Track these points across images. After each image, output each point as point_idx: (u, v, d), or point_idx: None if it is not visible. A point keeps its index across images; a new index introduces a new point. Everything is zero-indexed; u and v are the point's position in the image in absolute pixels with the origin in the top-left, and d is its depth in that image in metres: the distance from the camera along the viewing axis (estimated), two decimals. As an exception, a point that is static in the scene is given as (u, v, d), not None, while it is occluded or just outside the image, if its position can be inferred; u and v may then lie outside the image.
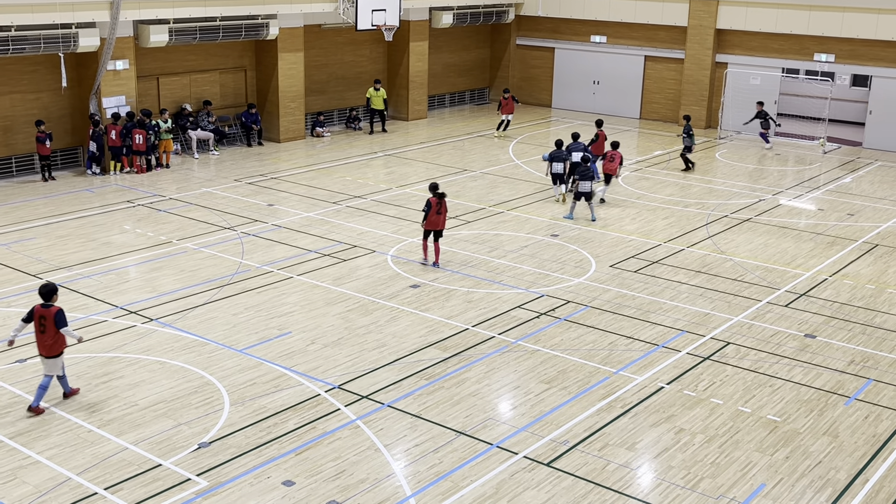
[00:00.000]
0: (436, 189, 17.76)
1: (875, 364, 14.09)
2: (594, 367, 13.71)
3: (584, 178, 20.73)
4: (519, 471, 10.94)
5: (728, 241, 19.88)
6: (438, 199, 17.46)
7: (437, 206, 17.41)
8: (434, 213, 17.43)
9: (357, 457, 11.15)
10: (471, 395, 12.80)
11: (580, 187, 20.79)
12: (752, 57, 31.19)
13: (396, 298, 16.20)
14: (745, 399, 12.86)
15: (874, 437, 11.96)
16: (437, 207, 17.42)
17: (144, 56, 25.42)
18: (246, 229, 19.84)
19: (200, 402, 12.39)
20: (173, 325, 14.89)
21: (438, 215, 17.51)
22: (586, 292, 16.69)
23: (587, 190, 20.76)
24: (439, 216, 17.54)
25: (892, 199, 23.56)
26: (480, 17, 33.80)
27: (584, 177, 20.73)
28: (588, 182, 20.72)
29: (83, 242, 18.82)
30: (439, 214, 17.52)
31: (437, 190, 17.74)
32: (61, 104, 24.31)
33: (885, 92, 29.18)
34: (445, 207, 17.66)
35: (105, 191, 22.75)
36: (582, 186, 20.75)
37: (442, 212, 17.56)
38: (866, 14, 28.61)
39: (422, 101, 32.98)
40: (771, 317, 15.80)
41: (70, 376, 12.92)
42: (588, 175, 20.73)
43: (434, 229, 17.64)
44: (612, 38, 33.94)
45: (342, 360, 13.76)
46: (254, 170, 25.14)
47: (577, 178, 20.85)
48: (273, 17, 26.80)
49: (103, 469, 10.77)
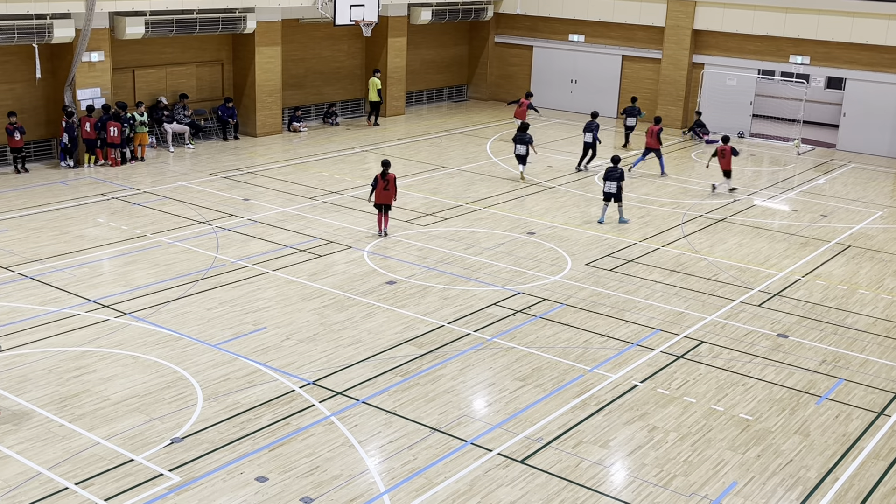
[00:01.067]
0: (385, 165, 19.05)
1: (846, 364, 14.24)
2: (569, 365, 13.75)
3: (609, 178, 20.56)
4: (493, 468, 10.96)
5: (702, 240, 20.01)
6: (383, 175, 18.84)
7: (382, 181, 18.83)
8: (381, 188, 18.85)
9: (331, 453, 11.13)
10: (446, 391, 12.81)
11: (605, 188, 20.66)
12: (729, 58, 31.40)
13: (372, 295, 16.18)
14: (717, 398, 12.96)
15: (844, 436, 12.09)
16: (384, 183, 18.83)
17: (120, 48, 25.21)
18: (221, 224, 19.74)
19: (174, 398, 12.32)
20: (147, 319, 14.79)
21: (386, 191, 18.91)
22: (562, 290, 16.75)
23: (612, 191, 20.55)
24: (387, 191, 18.91)
25: (865, 201, 23.80)
26: (459, 13, 33.80)
27: (609, 177, 20.57)
28: (613, 182, 20.50)
29: (56, 235, 18.64)
30: (387, 190, 18.90)
31: (386, 167, 19.01)
32: (35, 95, 24.06)
33: (858, 95, 29.46)
34: (394, 183, 18.96)
35: (79, 183, 22.55)
36: (607, 187, 20.60)
37: (390, 188, 18.91)
38: (841, 17, 28.87)
39: (400, 97, 32.93)
40: (744, 316, 15.92)
41: (42, 370, 12.82)
42: (614, 176, 20.51)
43: (382, 203, 19.07)
44: (590, 37, 34.04)
45: (317, 356, 13.73)
46: (230, 164, 25.00)
47: (604, 178, 20.72)
48: (251, 11, 26.66)
49: (74, 464, 10.68)
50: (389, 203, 19.15)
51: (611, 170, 20.63)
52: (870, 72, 29.09)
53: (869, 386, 13.52)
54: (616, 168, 20.61)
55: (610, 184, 20.57)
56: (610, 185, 20.57)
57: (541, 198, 22.80)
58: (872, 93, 29.14)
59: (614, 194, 20.59)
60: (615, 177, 20.54)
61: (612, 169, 20.62)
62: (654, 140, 25.01)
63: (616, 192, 20.54)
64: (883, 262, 19.01)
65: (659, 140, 25.00)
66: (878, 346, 14.95)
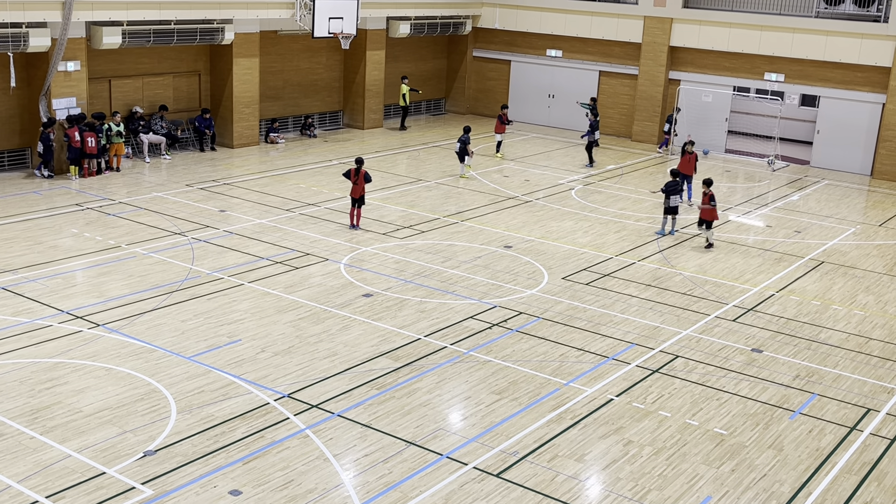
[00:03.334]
0: (358, 162, 20.34)
1: (819, 379, 14.34)
2: (545, 379, 13.76)
3: (671, 192, 20.96)
4: (468, 481, 10.94)
5: (678, 255, 20.12)
6: (356, 170, 20.17)
7: (354, 175, 20.15)
8: (352, 182, 20.24)
9: (305, 466, 11.06)
10: (421, 405, 12.78)
11: (670, 202, 21.06)
12: (705, 74, 31.68)
13: (349, 307, 16.13)
14: (692, 412, 13.01)
15: (818, 450, 12.17)
16: (355, 178, 20.14)
17: (96, 57, 25.07)
18: (197, 235, 19.63)
19: (147, 410, 12.21)
20: (120, 330, 14.66)
21: (356, 185, 20.19)
22: (538, 304, 16.77)
23: (675, 204, 21.07)
24: (356, 185, 20.18)
25: (838, 218, 24.04)
26: (438, 27, 33.90)
27: (671, 191, 20.96)
28: (677, 196, 21.00)
29: (29, 245, 18.46)
30: (356, 184, 20.17)
31: (360, 164, 20.29)
32: (10, 104, 23.87)
33: (832, 112, 29.80)
34: (363, 177, 20.18)
35: (53, 193, 22.37)
36: (672, 201, 21.03)
37: (359, 182, 20.15)
38: (816, 35, 29.23)
39: (378, 109, 32.95)
40: (719, 331, 16.01)
41: (13, 381, 12.67)
42: (675, 189, 20.97)
43: (354, 196, 20.35)
44: (568, 52, 34.24)
45: (292, 369, 13.66)
46: (206, 175, 24.89)
47: (664, 190, 21.12)
48: (229, 22, 26.61)
49: (45, 476, 10.55)
50: (361, 197, 20.42)
51: (674, 183, 21.10)
52: (843, 90, 29.44)
53: (842, 401, 13.62)
54: (678, 181, 21.22)
55: (675, 198, 21.04)
56: (675, 199, 21.05)
57: (518, 211, 22.86)
58: (846, 110, 29.48)
59: (676, 207, 21.22)
60: (679, 190, 21.11)
61: (676, 182, 21.14)
62: (690, 167, 24.08)
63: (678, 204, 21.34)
64: (856, 279, 19.20)
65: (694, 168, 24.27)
66: (851, 361, 15.07)
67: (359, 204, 20.47)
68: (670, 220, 21.53)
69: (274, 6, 27.64)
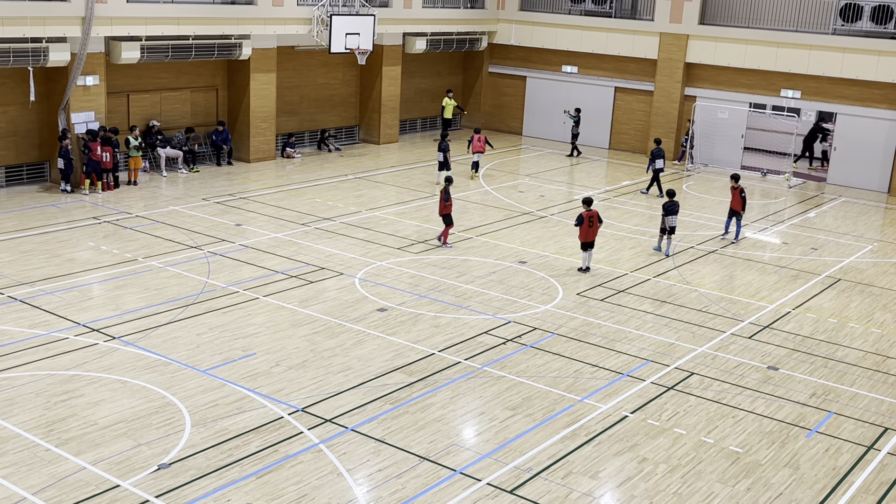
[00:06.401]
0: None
1: (836, 397, 14.24)
2: (559, 395, 13.72)
3: (669, 212, 20.95)
4: (482, 498, 10.90)
5: (694, 272, 20.05)
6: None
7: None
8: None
9: (319, 481, 11.06)
10: (435, 420, 12.76)
11: (671, 222, 20.99)
12: (721, 91, 31.63)
13: (363, 322, 16.14)
14: (708, 429, 12.93)
15: (834, 469, 12.07)
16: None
17: (115, 72, 25.28)
18: (213, 249, 19.71)
19: (161, 423, 12.24)
20: (136, 343, 14.72)
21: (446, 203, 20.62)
22: (553, 319, 16.74)
23: (672, 224, 21.02)
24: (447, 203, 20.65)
25: (855, 235, 23.91)
26: (454, 44, 34.02)
27: (669, 211, 20.95)
28: (674, 216, 20.95)
29: (47, 258, 18.59)
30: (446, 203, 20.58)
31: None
32: (29, 118, 24.08)
33: (849, 129, 29.69)
34: (442, 196, 20.45)
35: (71, 207, 22.52)
36: (670, 221, 20.98)
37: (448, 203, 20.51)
38: (832, 52, 29.16)
39: (393, 125, 33.06)
40: (734, 348, 15.93)
41: (29, 394, 12.73)
42: (674, 210, 20.93)
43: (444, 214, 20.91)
44: (584, 68, 34.28)
45: (307, 383, 13.67)
46: (223, 189, 25.02)
47: (664, 213, 21.06)
48: (246, 38, 26.80)
49: (60, 489, 10.58)
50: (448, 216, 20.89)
51: (672, 204, 20.98)
52: (860, 107, 29.34)
53: (859, 420, 13.51)
54: (676, 202, 21.10)
55: (672, 218, 20.95)
56: (672, 220, 20.95)
57: (533, 227, 22.85)
58: (862, 128, 29.37)
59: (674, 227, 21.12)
60: (676, 211, 21.01)
61: (674, 203, 21.02)
62: (738, 203, 22.82)
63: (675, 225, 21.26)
64: (873, 296, 19.08)
65: (743, 205, 22.94)
66: (868, 379, 14.96)
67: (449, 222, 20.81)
68: (666, 241, 21.23)
69: (291, 22, 27.82)
